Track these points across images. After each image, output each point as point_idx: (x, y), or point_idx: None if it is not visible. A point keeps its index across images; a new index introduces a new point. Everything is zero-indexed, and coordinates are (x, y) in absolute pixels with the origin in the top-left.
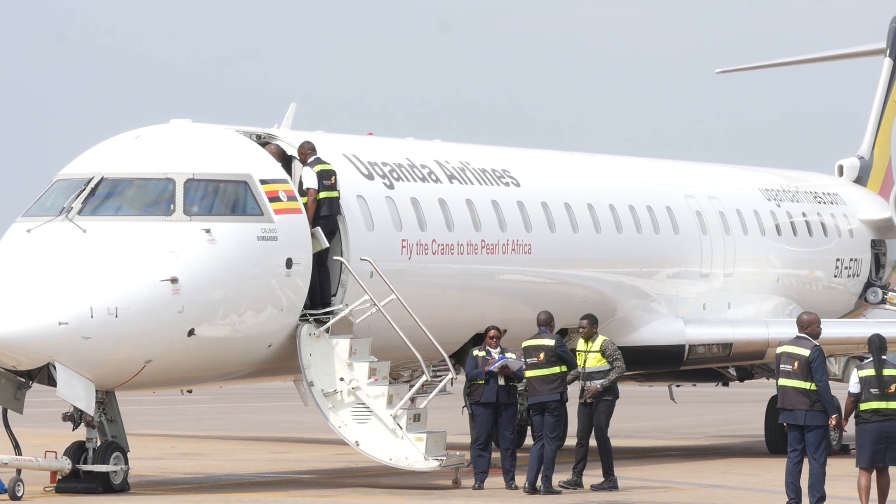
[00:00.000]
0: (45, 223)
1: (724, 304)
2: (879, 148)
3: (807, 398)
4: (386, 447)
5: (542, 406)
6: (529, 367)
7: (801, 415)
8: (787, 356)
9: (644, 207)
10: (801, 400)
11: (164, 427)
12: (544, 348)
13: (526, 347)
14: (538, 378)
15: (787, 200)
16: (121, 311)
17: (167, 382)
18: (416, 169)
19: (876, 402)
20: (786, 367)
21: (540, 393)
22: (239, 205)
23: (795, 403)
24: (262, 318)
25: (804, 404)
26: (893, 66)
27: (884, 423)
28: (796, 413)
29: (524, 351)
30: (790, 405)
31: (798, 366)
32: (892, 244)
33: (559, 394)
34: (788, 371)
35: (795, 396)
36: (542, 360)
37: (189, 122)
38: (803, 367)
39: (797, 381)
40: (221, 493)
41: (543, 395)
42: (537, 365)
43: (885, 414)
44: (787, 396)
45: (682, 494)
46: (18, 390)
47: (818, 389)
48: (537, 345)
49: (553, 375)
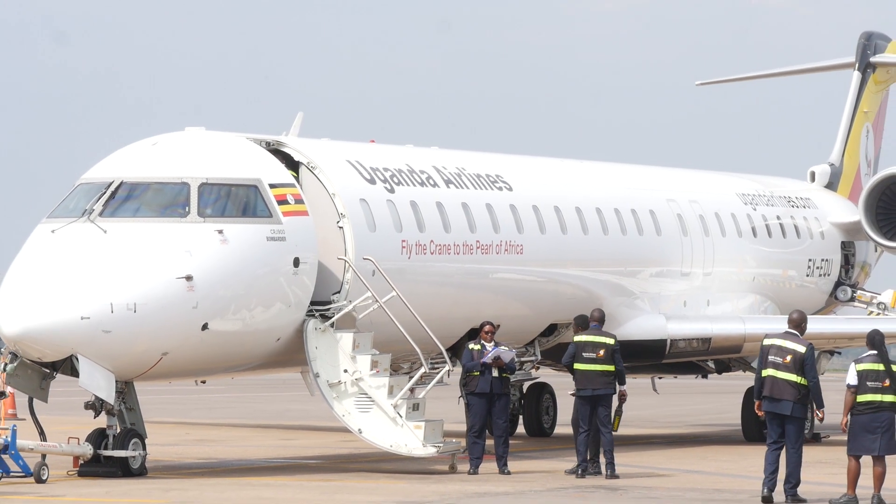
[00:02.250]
0: (69, 224)
1: (703, 301)
2: (849, 155)
3: (796, 391)
4: (387, 434)
5: (596, 399)
6: (587, 360)
7: (789, 405)
8: (778, 349)
9: (629, 211)
10: (790, 391)
11: (180, 415)
12: (605, 346)
13: (581, 342)
14: (595, 372)
15: (763, 204)
16: (139, 306)
17: (182, 373)
18: (416, 174)
19: (871, 395)
20: (776, 359)
21: (596, 386)
22: (249, 207)
23: (783, 394)
24: (270, 313)
25: (792, 396)
26: (861, 79)
27: (876, 414)
28: (783, 403)
29: (578, 345)
30: (778, 395)
31: (791, 360)
32: (860, 245)
33: (613, 388)
34: (779, 363)
35: (784, 387)
36: (602, 357)
37: (203, 129)
38: (797, 362)
39: (788, 373)
40: (233, 477)
41: (600, 389)
42: (596, 360)
43: (879, 406)
44: (776, 387)
45: (664, 480)
46: (43, 380)
47: (810, 386)
48: (597, 341)
49: (610, 371)
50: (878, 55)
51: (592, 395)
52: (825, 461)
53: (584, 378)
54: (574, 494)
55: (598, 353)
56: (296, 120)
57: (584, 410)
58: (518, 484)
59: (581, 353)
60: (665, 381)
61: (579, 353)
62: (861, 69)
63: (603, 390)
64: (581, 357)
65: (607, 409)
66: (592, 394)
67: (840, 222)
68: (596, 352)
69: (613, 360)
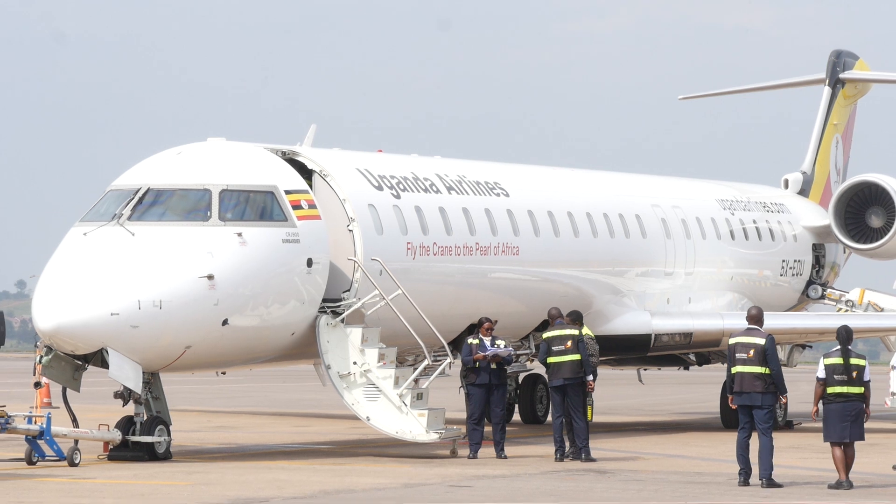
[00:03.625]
0: (99, 227)
1: (685, 299)
2: (819, 164)
3: (761, 381)
4: (393, 422)
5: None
6: (556, 353)
7: (757, 397)
8: (742, 346)
9: (617, 215)
10: (756, 383)
11: (202, 404)
12: (571, 337)
13: (550, 338)
14: (565, 363)
15: (740, 209)
16: (164, 303)
17: (204, 365)
18: (420, 181)
19: (839, 387)
20: (741, 355)
21: (566, 376)
22: (266, 212)
23: (751, 387)
24: (286, 310)
25: (759, 387)
26: (831, 94)
27: (846, 404)
28: (752, 395)
29: (547, 340)
30: (747, 389)
31: (754, 353)
32: (830, 247)
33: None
34: (744, 359)
35: (751, 381)
36: (570, 347)
37: (223, 140)
38: (759, 354)
39: (753, 366)
40: (251, 461)
41: (570, 378)
42: (565, 352)
43: (847, 397)
44: (745, 381)
45: (648, 463)
46: (76, 371)
47: (773, 374)
48: (564, 334)
49: (577, 361)
50: (846, 72)
51: (563, 384)
52: (797, 446)
53: (556, 369)
54: (565, 477)
55: (565, 345)
56: (309, 131)
57: (557, 399)
58: (514, 467)
59: (551, 348)
60: (650, 372)
61: (550, 348)
62: (831, 85)
63: (572, 379)
64: (551, 351)
65: (578, 396)
66: (563, 383)
67: (811, 226)
68: (564, 343)
69: (579, 349)
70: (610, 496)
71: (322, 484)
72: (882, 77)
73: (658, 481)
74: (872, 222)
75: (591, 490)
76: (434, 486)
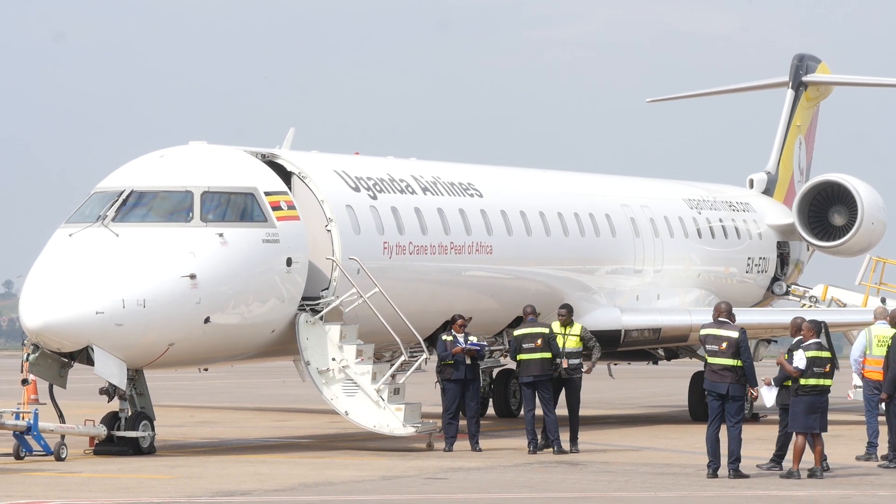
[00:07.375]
0: (84, 228)
1: (654, 295)
2: (784, 164)
3: (732, 373)
4: (371, 416)
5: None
6: (526, 350)
7: (725, 386)
8: (715, 337)
9: (587, 215)
10: (727, 375)
11: (185, 399)
12: (541, 335)
13: (520, 335)
14: (535, 360)
15: (707, 209)
16: (148, 302)
17: (187, 362)
18: (396, 182)
19: (815, 379)
20: (713, 346)
21: (536, 373)
22: (247, 213)
23: (723, 378)
24: (266, 308)
25: (730, 378)
26: (794, 96)
27: (816, 396)
28: (721, 385)
29: (518, 338)
30: (718, 378)
31: (727, 346)
32: (794, 245)
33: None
34: (716, 350)
35: (722, 372)
36: (540, 345)
37: (205, 143)
38: (732, 346)
39: (724, 358)
40: (233, 455)
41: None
42: (535, 349)
43: (819, 389)
44: (715, 372)
45: (619, 455)
46: (62, 369)
47: (745, 366)
48: (534, 332)
49: (548, 358)
50: (809, 75)
51: (534, 381)
52: (763, 438)
53: (526, 366)
54: (538, 469)
55: (535, 343)
56: (288, 134)
57: (528, 394)
58: (488, 460)
59: (521, 345)
60: (620, 367)
61: (520, 345)
62: (794, 87)
63: (542, 375)
64: (522, 348)
65: (548, 392)
66: (534, 380)
67: (776, 224)
68: (534, 341)
69: (550, 346)
70: (581, 487)
71: (302, 477)
72: (843, 80)
73: (628, 473)
74: (835, 220)
75: (563, 482)
76: (411, 478)
